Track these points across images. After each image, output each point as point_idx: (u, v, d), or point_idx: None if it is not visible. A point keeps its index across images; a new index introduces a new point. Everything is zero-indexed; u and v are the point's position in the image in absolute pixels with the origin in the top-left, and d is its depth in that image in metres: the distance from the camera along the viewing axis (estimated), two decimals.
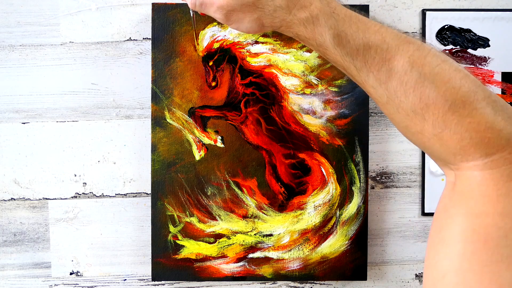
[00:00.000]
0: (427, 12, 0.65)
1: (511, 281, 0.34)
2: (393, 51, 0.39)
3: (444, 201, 0.40)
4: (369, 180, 0.67)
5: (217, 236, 0.64)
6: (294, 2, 0.40)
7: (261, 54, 0.64)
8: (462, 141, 0.37)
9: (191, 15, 0.49)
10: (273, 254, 0.64)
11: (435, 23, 0.66)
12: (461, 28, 0.66)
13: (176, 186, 0.64)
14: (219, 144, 0.64)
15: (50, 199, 0.66)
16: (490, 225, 0.36)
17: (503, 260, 0.35)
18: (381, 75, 0.39)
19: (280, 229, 0.64)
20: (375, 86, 0.40)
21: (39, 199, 0.66)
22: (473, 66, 0.66)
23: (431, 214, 0.67)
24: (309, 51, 0.64)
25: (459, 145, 0.37)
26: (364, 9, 0.64)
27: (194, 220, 0.64)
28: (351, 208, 0.64)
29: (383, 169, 0.67)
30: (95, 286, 0.67)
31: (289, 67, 0.64)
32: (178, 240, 0.64)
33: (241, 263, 0.64)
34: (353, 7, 0.64)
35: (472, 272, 0.35)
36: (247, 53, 0.64)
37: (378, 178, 0.67)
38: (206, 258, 0.64)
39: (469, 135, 0.37)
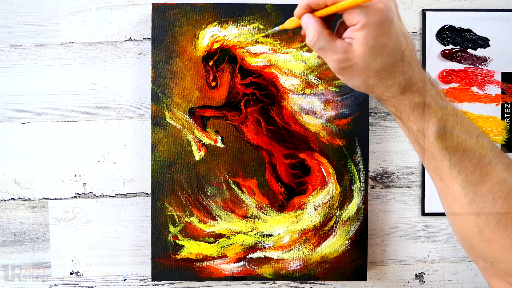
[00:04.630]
0: (427, 12, 0.65)
1: None
2: (489, 159, 0.41)
3: None
4: (369, 180, 0.67)
5: (217, 236, 0.64)
6: (412, 84, 0.40)
7: (261, 54, 0.64)
8: None
9: (278, 29, 0.48)
10: (273, 254, 0.64)
11: (435, 23, 0.66)
12: (461, 28, 0.66)
13: (176, 186, 0.64)
14: (219, 144, 0.64)
15: (50, 199, 0.66)
16: None
17: None
18: (473, 178, 0.41)
19: (280, 229, 0.64)
20: (464, 186, 0.41)
21: (39, 199, 0.66)
22: (473, 66, 0.66)
23: (431, 214, 0.67)
24: (309, 51, 0.64)
25: None
26: None
27: (194, 220, 0.64)
28: (351, 208, 0.64)
29: (383, 169, 0.67)
30: (95, 286, 0.67)
31: (289, 67, 0.64)
32: (178, 240, 0.64)
33: (241, 263, 0.64)
34: None
35: None
36: (247, 53, 0.64)
37: (378, 178, 0.67)
38: (206, 258, 0.64)
39: None
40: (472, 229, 0.42)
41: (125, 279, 0.67)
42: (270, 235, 0.64)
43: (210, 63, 0.64)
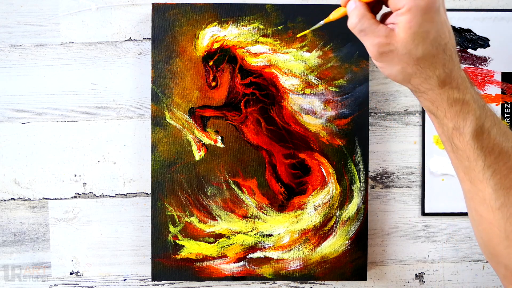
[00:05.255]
0: None
1: None
2: None
3: None
4: (369, 180, 0.67)
5: (217, 236, 0.64)
6: (451, 79, 0.39)
7: (261, 54, 0.64)
8: None
9: (323, 23, 0.47)
10: (273, 254, 0.64)
11: None
12: (461, 28, 0.66)
13: (176, 186, 0.64)
14: (219, 144, 0.64)
15: (50, 199, 0.66)
16: None
17: None
18: (506, 181, 0.40)
19: (280, 229, 0.64)
20: (496, 189, 0.40)
21: (39, 199, 0.66)
22: (473, 66, 0.66)
23: (431, 214, 0.67)
24: (309, 51, 0.64)
25: None
26: None
27: (194, 220, 0.64)
28: (351, 208, 0.64)
29: (383, 169, 0.67)
30: (95, 286, 0.67)
31: (289, 67, 0.64)
32: (178, 240, 0.64)
33: (241, 263, 0.64)
34: None
35: None
36: (247, 53, 0.64)
37: (378, 178, 0.67)
38: (206, 258, 0.64)
39: None
40: (499, 234, 0.41)
41: (125, 279, 0.67)
42: (270, 235, 0.64)
43: (210, 63, 0.64)
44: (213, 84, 0.64)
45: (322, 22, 0.47)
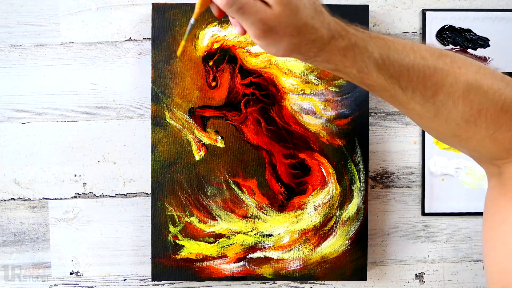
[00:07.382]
0: (427, 12, 0.65)
1: None
2: (433, 67, 0.40)
3: (495, 190, 0.43)
4: (369, 180, 0.66)
5: (217, 236, 0.64)
6: (333, 33, 0.39)
7: (261, 54, 0.64)
8: None
9: (191, 22, 0.45)
10: (273, 254, 0.64)
11: (435, 23, 0.66)
12: (461, 28, 0.66)
13: (176, 186, 0.64)
14: (219, 144, 0.64)
15: (50, 199, 0.66)
16: None
17: None
18: (427, 91, 0.41)
19: (280, 229, 0.64)
20: (422, 102, 0.41)
21: (39, 199, 0.66)
22: None
23: (431, 214, 0.67)
24: None
25: None
26: (364, 9, 0.64)
27: (194, 220, 0.64)
28: (351, 208, 0.64)
29: (383, 169, 0.67)
30: (95, 286, 0.67)
31: (289, 67, 0.64)
32: (178, 240, 0.64)
33: (241, 263, 0.64)
34: (353, 7, 0.64)
35: None
36: (247, 53, 0.64)
37: (378, 178, 0.67)
38: (206, 258, 0.64)
39: None
40: (448, 134, 0.43)
41: (125, 279, 0.67)
42: (270, 235, 0.64)
43: (210, 63, 0.64)
44: (213, 84, 0.64)
45: (192, 21, 0.45)
